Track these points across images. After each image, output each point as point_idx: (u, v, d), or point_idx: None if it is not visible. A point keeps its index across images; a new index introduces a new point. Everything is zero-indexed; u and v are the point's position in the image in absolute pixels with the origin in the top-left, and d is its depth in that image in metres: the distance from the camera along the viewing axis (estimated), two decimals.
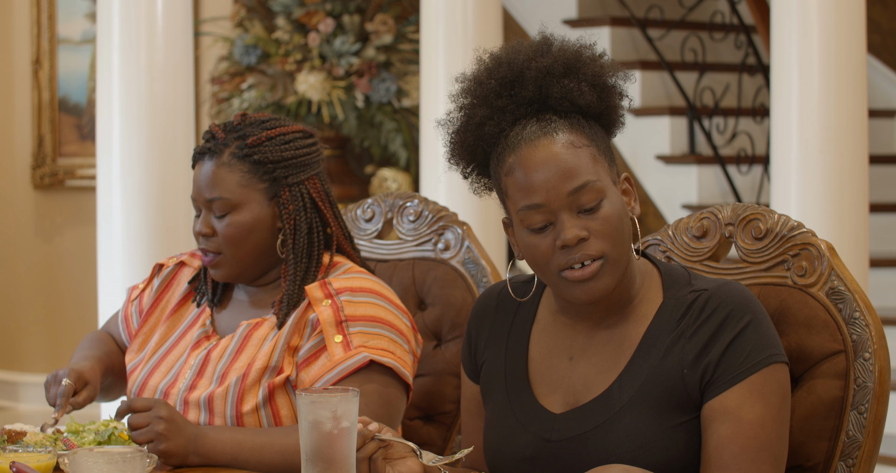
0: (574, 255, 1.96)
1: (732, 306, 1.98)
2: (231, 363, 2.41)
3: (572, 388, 2.05)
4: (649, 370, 1.99)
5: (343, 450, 1.87)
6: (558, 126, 1.98)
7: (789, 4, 4.09)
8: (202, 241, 2.45)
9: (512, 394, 2.09)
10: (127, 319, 2.63)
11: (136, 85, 4.28)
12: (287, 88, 5.81)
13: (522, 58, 2.02)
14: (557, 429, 2.02)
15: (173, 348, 2.51)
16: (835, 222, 4.04)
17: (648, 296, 2.05)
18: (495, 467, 2.09)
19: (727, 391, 1.95)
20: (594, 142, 1.99)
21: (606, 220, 1.96)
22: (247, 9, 6.01)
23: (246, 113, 2.52)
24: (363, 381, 2.33)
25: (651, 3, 6.30)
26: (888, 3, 6.72)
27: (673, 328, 2.00)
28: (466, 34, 4.67)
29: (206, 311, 2.53)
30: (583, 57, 2.02)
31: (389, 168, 5.84)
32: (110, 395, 2.63)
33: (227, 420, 2.37)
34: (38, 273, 6.90)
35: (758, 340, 1.96)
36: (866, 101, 4.14)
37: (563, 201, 1.96)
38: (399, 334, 2.40)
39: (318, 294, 2.40)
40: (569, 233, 1.95)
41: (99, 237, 4.38)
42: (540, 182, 1.96)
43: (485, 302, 2.19)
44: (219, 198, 2.43)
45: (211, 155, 2.45)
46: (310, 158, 2.49)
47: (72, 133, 6.82)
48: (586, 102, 1.99)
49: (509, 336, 2.14)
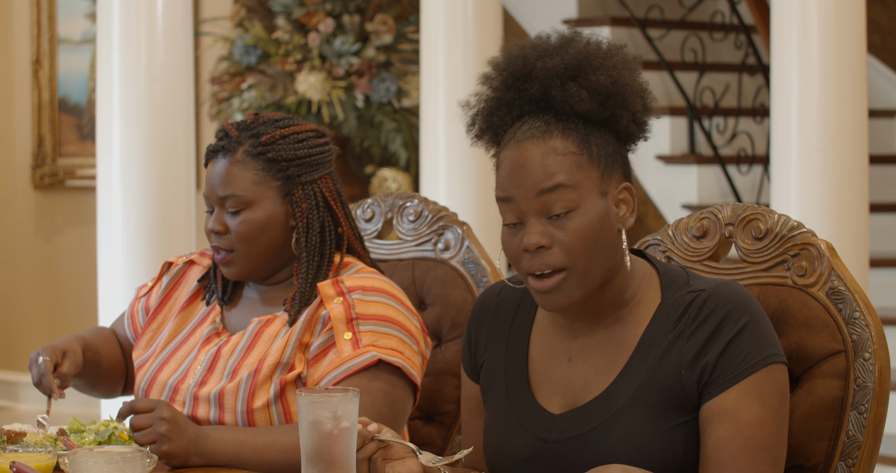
0: (535, 262, 1.97)
1: (730, 306, 1.97)
2: (242, 359, 2.41)
3: (571, 389, 2.05)
4: (647, 370, 1.99)
5: (343, 450, 1.88)
6: (551, 130, 1.98)
7: (789, 4, 4.09)
8: (214, 239, 2.46)
9: (512, 395, 2.09)
10: (133, 316, 2.64)
11: (136, 85, 4.28)
12: (287, 88, 5.81)
13: (536, 54, 2.02)
14: (556, 430, 2.02)
15: (182, 344, 2.51)
16: (835, 222, 4.04)
17: (647, 297, 2.04)
18: (495, 467, 2.10)
19: (725, 391, 1.94)
20: (585, 150, 1.98)
21: (574, 232, 1.95)
22: (247, 9, 6.01)
23: (259, 112, 2.53)
24: (370, 379, 2.34)
25: (651, 3, 6.30)
26: (888, 3, 6.72)
27: (671, 329, 2.00)
28: (466, 34, 4.67)
29: (216, 308, 2.53)
30: (592, 63, 2.00)
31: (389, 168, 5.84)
32: (99, 383, 2.58)
33: (238, 415, 2.37)
34: (38, 273, 6.91)
35: (756, 340, 1.96)
36: (866, 101, 4.14)
37: (532, 201, 1.96)
38: (409, 334, 2.40)
39: (330, 292, 2.41)
40: (530, 238, 1.96)
41: (99, 237, 4.38)
42: (512, 181, 1.97)
43: (485, 302, 2.19)
44: (232, 195, 2.43)
45: (225, 153, 2.45)
46: (322, 158, 2.49)
47: (72, 133, 6.82)
48: (585, 109, 1.98)
49: (509, 337, 2.14)
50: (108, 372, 2.60)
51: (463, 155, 4.65)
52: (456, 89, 4.65)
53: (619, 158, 2.03)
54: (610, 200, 1.99)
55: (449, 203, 4.50)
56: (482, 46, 4.68)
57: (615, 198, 2.01)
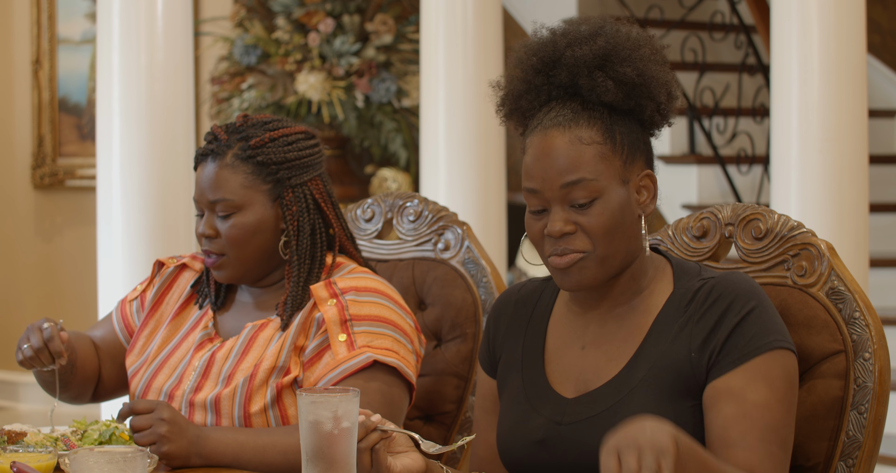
0: (558, 246, 2.02)
1: (738, 292, 2.00)
2: (237, 364, 2.41)
3: (583, 376, 2.07)
4: (658, 354, 2.01)
5: (343, 450, 1.88)
6: (577, 118, 2.03)
7: (789, 4, 4.08)
8: (205, 242, 2.45)
9: (527, 381, 2.12)
10: (126, 318, 2.62)
11: (136, 85, 4.28)
12: (287, 88, 5.81)
13: (566, 41, 2.06)
14: (569, 413, 2.05)
15: (176, 350, 2.50)
16: (835, 222, 4.04)
17: (659, 288, 2.08)
18: (507, 450, 2.11)
19: (731, 372, 1.95)
20: (609, 139, 2.02)
21: (596, 218, 2.00)
22: (247, 9, 6.01)
23: (248, 114, 2.52)
24: (367, 380, 2.34)
25: (651, 3, 6.30)
26: (888, 3, 6.72)
27: (681, 315, 2.02)
28: (466, 34, 4.67)
29: (209, 313, 2.52)
30: (620, 54, 2.04)
31: (389, 168, 5.84)
32: (71, 382, 2.52)
33: (235, 420, 2.37)
34: (38, 273, 6.90)
35: (762, 325, 1.97)
36: (866, 101, 4.14)
37: (556, 192, 2.01)
38: (403, 334, 2.41)
39: (324, 294, 2.41)
40: (554, 226, 2.01)
41: (99, 237, 4.38)
42: (538, 170, 2.03)
43: (505, 299, 2.24)
44: (222, 199, 2.43)
45: (214, 157, 2.45)
46: (312, 160, 2.49)
47: (72, 133, 6.82)
48: (610, 99, 2.03)
49: (528, 328, 2.17)
50: (81, 372, 2.54)
51: (463, 155, 4.65)
52: (456, 89, 4.65)
53: (641, 146, 2.07)
54: (632, 187, 2.05)
55: (449, 203, 4.50)
56: (482, 46, 4.68)
57: (637, 185, 2.06)
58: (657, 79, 2.05)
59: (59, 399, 2.54)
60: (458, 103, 4.61)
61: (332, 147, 5.96)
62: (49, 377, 2.49)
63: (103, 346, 2.62)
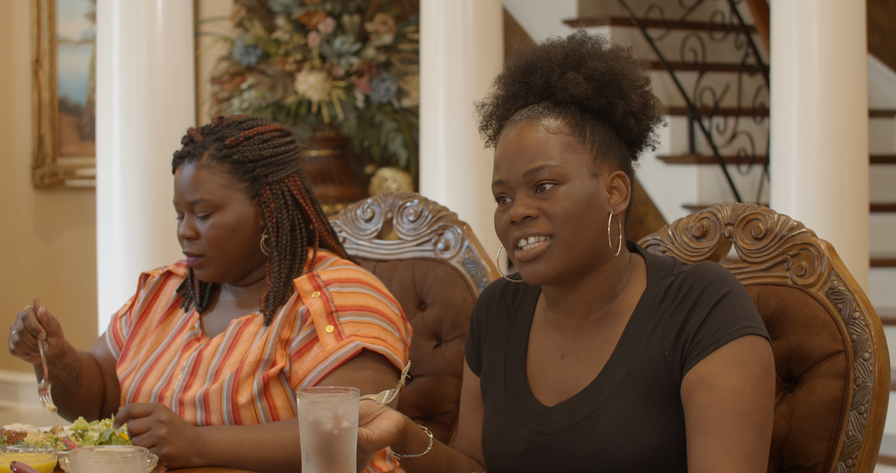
0: (521, 231, 2.02)
1: (710, 280, 1.99)
2: (224, 360, 2.43)
3: (564, 385, 2.07)
4: (634, 357, 2.00)
5: (343, 450, 1.88)
6: (546, 112, 2.05)
7: (789, 4, 4.09)
8: (186, 244, 2.48)
9: (510, 391, 2.12)
10: (116, 334, 2.65)
11: (136, 85, 4.28)
12: (287, 88, 5.81)
13: (543, 49, 2.10)
14: (550, 422, 2.04)
15: (164, 352, 2.53)
16: (835, 222, 4.04)
17: (634, 288, 2.07)
18: (492, 461, 2.11)
19: (703, 360, 1.94)
20: (578, 132, 2.04)
21: (559, 202, 2.01)
22: (247, 9, 6.01)
23: (223, 116, 2.55)
24: (357, 369, 2.36)
25: (651, 3, 6.30)
26: (888, 3, 6.72)
27: (654, 313, 2.02)
28: (466, 34, 4.68)
29: (195, 315, 2.55)
30: (592, 54, 2.07)
31: (389, 168, 5.84)
32: (76, 394, 2.54)
33: (224, 415, 2.38)
34: (38, 273, 6.91)
35: (734, 312, 1.96)
36: (866, 101, 4.14)
37: (520, 179, 2.03)
38: (389, 322, 2.43)
39: (307, 286, 2.43)
40: (517, 209, 2.03)
41: (99, 237, 4.38)
42: (504, 159, 2.06)
43: (489, 296, 2.23)
44: (201, 200, 2.45)
45: (191, 158, 2.48)
46: (288, 156, 2.52)
47: (72, 133, 6.82)
48: (581, 92, 2.04)
49: (509, 336, 2.16)
50: (87, 385, 2.56)
51: (463, 155, 4.65)
52: (456, 89, 4.65)
53: (615, 149, 2.07)
54: (601, 183, 2.04)
55: (449, 203, 4.50)
56: (482, 46, 4.68)
57: (608, 183, 2.04)
58: (629, 78, 2.07)
59: (68, 412, 2.55)
60: (458, 103, 4.61)
61: (332, 147, 5.96)
62: (55, 387, 2.49)
63: (105, 365, 2.64)
